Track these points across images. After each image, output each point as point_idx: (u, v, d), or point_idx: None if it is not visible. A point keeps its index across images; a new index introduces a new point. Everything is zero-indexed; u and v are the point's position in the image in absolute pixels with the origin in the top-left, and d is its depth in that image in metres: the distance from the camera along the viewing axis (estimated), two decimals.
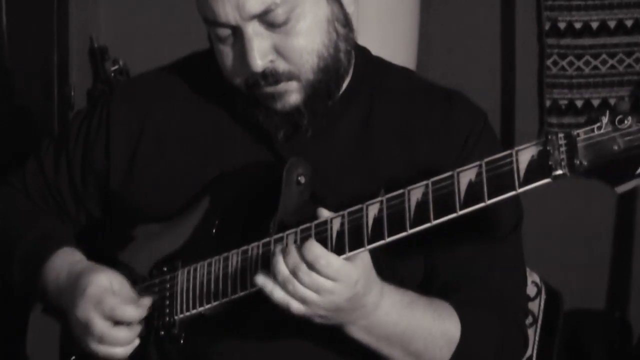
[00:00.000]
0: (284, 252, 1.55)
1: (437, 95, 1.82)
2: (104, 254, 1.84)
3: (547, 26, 3.71)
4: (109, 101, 1.90)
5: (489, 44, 3.79)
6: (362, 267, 1.56)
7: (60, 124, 3.41)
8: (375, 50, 1.89)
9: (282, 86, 1.69)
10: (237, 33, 1.68)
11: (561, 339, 2.24)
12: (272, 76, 1.68)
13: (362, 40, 1.83)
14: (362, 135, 1.78)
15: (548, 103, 3.73)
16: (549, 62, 3.72)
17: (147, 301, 1.72)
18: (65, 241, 1.87)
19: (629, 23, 3.68)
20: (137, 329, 1.72)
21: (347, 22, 1.74)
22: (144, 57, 2.80)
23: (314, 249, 1.53)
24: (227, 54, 1.71)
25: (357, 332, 1.64)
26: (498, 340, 1.72)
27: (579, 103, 3.72)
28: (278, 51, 1.68)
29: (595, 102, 3.71)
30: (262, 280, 1.57)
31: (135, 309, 1.70)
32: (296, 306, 1.56)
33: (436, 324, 1.67)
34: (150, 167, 1.84)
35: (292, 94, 1.70)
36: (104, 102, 1.91)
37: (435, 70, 3.47)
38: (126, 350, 1.71)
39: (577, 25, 3.69)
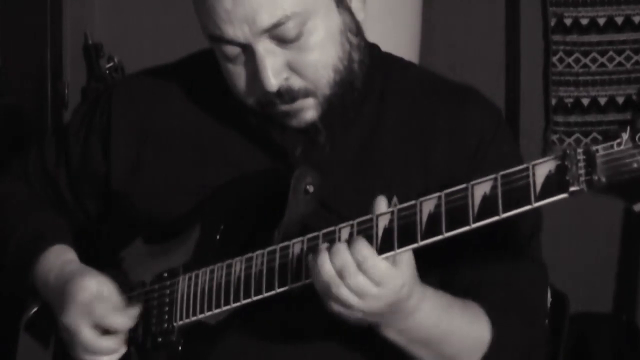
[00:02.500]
0: (331, 251, 1.51)
1: (448, 93, 1.78)
2: (101, 255, 1.83)
3: (552, 22, 3.72)
4: (109, 101, 1.87)
5: (493, 40, 3.80)
6: (408, 272, 1.53)
7: (54, 121, 3.46)
8: None
9: (299, 104, 1.65)
10: (248, 51, 1.63)
11: (567, 343, 2.25)
12: (287, 94, 1.63)
13: None
14: (373, 138, 1.74)
15: (554, 101, 3.74)
16: (554, 59, 3.73)
17: (135, 310, 1.71)
18: (60, 238, 1.85)
19: (636, 19, 3.69)
20: (123, 338, 1.71)
21: (358, 31, 1.69)
22: (140, 54, 2.83)
23: (363, 249, 1.50)
24: (237, 73, 1.66)
25: (391, 333, 1.61)
26: (525, 342, 1.72)
27: (585, 101, 3.73)
28: (292, 68, 1.63)
29: (602, 100, 3.73)
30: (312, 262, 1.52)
31: (124, 318, 1.69)
32: (337, 308, 1.53)
33: (472, 328, 1.65)
34: (153, 170, 1.81)
35: (309, 111, 1.66)
36: (104, 102, 1.88)
37: (438, 67, 3.42)
38: (110, 359, 1.71)
39: (584, 22, 3.70)
